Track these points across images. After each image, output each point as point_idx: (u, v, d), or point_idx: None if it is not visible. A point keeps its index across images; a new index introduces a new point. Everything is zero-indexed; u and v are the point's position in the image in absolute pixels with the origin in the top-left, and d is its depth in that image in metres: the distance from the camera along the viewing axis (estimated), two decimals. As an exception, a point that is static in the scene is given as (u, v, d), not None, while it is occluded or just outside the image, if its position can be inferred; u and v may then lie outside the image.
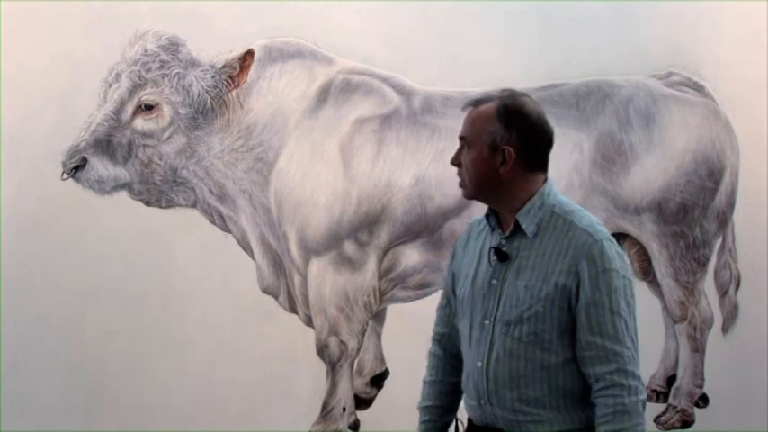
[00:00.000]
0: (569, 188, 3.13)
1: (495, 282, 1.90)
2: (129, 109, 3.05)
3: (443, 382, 2.07)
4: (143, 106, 3.05)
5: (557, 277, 1.83)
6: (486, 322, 1.90)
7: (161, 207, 3.16)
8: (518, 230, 1.90)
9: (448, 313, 2.08)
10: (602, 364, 1.81)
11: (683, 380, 3.36)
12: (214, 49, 3.11)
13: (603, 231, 1.88)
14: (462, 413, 2.01)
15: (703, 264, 3.35)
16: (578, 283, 1.82)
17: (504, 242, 1.91)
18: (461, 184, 1.94)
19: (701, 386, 3.37)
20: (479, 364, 1.90)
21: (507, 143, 1.88)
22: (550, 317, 1.84)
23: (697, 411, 3.39)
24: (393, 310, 3.31)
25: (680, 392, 3.37)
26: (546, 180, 1.96)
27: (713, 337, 3.40)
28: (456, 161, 1.94)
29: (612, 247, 1.85)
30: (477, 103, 1.94)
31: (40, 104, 3.19)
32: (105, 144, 3.04)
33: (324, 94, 3.16)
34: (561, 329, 1.84)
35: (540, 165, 1.94)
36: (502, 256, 1.89)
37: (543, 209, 1.90)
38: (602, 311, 1.81)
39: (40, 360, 3.20)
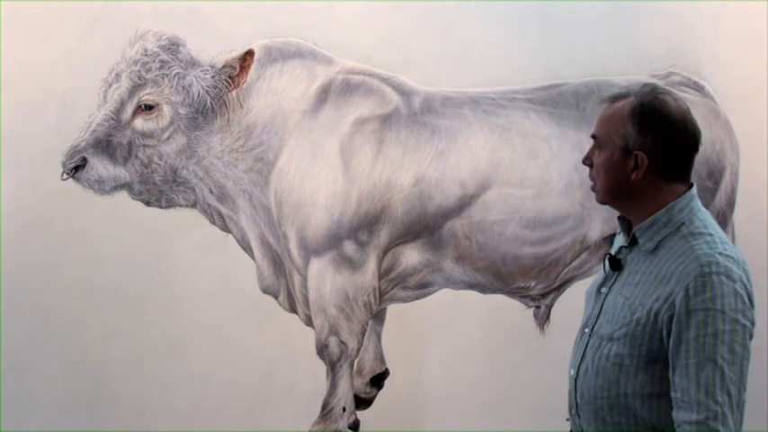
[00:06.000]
0: (569, 188, 3.12)
1: (603, 290, 1.77)
2: (129, 109, 3.05)
3: None
4: (143, 106, 3.05)
5: (652, 302, 1.64)
6: (586, 330, 1.77)
7: (161, 207, 3.16)
8: (636, 242, 1.74)
9: None
10: (684, 410, 1.59)
11: None
12: (214, 49, 3.11)
13: (725, 266, 1.63)
14: None
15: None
16: (672, 314, 1.61)
17: (623, 251, 1.76)
18: (593, 188, 1.79)
19: None
20: (572, 372, 1.78)
21: (641, 148, 1.68)
22: (639, 343, 1.65)
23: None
24: (393, 310, 3.31)
25: None
26: (689, 189, 1.74)
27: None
28: (587, 161, 1.79)
29: (727, 285, 1.61)
30: (614, 99, 1.75)
31: (40, 104, 3.19)
32: (105, 144, 3.04)
33: (324, 94, 3.15)
34: (649, 359, 1.64)
35: (682, 174, 1.72)
36: (614, 264, 1.75)
37: (669, 226, 1.69)
38: (692, 353, 1.58)
39: (40, 360, 3.20)
